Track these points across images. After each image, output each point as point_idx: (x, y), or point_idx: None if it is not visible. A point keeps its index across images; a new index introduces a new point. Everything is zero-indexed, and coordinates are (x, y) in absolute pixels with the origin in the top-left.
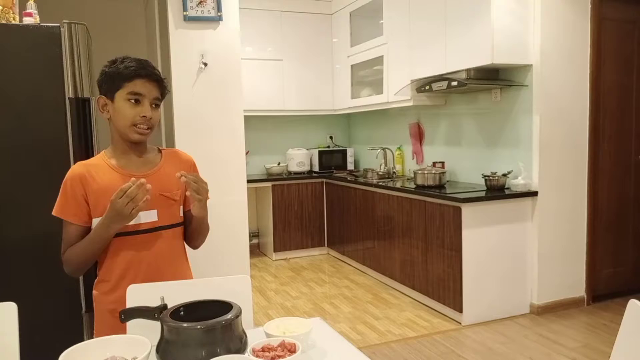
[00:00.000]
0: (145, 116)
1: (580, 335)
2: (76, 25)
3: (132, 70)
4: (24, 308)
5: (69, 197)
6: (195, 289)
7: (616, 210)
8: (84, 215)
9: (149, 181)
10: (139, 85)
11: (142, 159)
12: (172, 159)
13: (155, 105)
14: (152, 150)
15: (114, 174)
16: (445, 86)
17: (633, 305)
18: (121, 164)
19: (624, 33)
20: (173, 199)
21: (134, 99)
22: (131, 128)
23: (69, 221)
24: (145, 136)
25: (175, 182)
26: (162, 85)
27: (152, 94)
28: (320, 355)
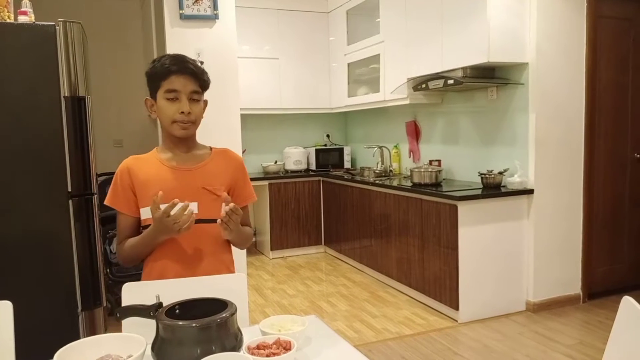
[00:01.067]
0: (184, 112)
1: (576, 333)
2: (71, 23)
3: (165, 68)
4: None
5: (118, 188)
6: (191, 287)
7: (612, 207)
8: (133, 206)
9: (192, 174)
10: (174, 82)
11: (190, 155)
12: (221, 157)
13: (194, 99)
14: (203, 148)
15: (160, 167)
16: (441, 84)
17: (626, 302)
18: (169, 158)
19: (620, 31)
20: (215, 194)
21: (171, 96)
22: (173, 125)
23: (120, 211)
24: (188, 131)
25: (219, 178)
26: (199, 77)
27: (188, 88)
28: (315, 353)
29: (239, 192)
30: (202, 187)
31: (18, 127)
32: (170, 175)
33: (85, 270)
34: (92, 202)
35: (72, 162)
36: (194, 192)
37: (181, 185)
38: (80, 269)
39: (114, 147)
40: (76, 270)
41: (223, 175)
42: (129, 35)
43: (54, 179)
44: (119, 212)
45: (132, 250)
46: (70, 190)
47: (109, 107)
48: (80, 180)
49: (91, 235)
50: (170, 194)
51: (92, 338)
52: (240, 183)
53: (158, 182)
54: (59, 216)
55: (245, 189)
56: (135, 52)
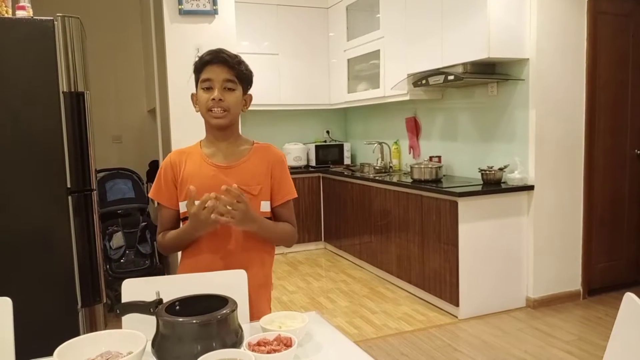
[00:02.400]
0: (215, 99)
1: (576, 329)
2: (70, 18)
3: (202, 60)
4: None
5: (162, 182)
6: (191, 283)
7: (611, 204)
8: (174, 199)
9: (231, 173)
10: (208, 72)
11: (230, 150)
12: (261, 153)
13: (228, 88)
14: (245, 142)
15: (201, 163)
16: (441, 80)
17: (628, 299)
18: (209, 153)
19: (620, 27)
20: (251, 193)
21: (206, 85)
22: (207, 114)
23: (162, 204)
24: (222, 119)
25: (256, 176)
26: (232, 66)
27: (221, 76)
28: (316, 349)
29: (277, 189)
30: (239, 187)
31: (16, 122)
32: (210, 173)
33: (85, 266)
34: (91, 198)
35: (71, 158)
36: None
37: (218, 183)
38: (79, 265)
39: (113, 143)
40: (76, 267)
41: (260, 173)
42: (127, 30)
43: (52, 175)
44: (161, 205)
45: (171, 242)
46: (70, 186)
47: (108, 103)
48: (79, 176)
49: (90, 232)
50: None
51: (92, 334)
52: (278, 179)
53: (197, 179)
54: (58, 212)
55: (282, 185)
56: (134, 48)
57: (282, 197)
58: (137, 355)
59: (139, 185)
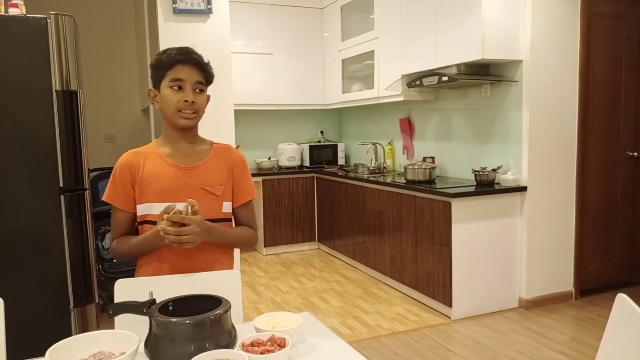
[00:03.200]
0: (187, 100)
1: (569, 329)
2: (63, 16)
3: (171, 58)
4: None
5: (117, 184)
6: (185, 283)
7: (604, 205)
8: (131, 202)
9: (193, 174)
10: (179, 72)
11: (191, 150)
12: (221, 153)
13: (199, 90)
14: (204, 142)
15: (161, 163)
16: (435, 81)
17: (621, 300)
18: (169, 153)
19: (614, 28)
20: (214, 194)
21: (176, 85)
22: (176, 114)
23: (117, 207)
24: (191, 121)
25: (218, 177)
26: (204, 69)
27: (193, 78)
28: (309, 350)
29: (237, 190)
30: (201, 187)
31: (9, 121)
32: (170, 173)
33: (77, 266)
34: (84, 197)
35: (63, 157)
36: (193, 192)
37: (181, 184)
38: (72, 265)
39: (107, 142)
40: (68, 267)
41: (222, 173)
42: (121, 29)
43: (45, 174)
44: (115, 208)
45: (129, 249)
46: (62, 186)
47: (102, 102)
48: (72, 175)
49: (83, 231)
50: (169, 193)
51: (85, 335)
52: (239, 180)
53: (158, 180)
54: (51, 211)
55: (243, 186)
56: (128, 47)
57: (242, 198)
58: (129, 356)
59: None
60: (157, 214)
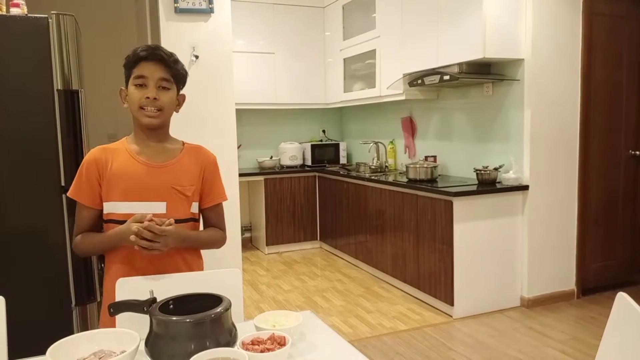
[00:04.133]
0: (149, 97)
1: (570, 328)
2: (64, 16)
3: (135, 55)
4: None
5: (83, 180)
6: (185, 282)
7: (606, 204)
8: (97, 198)
9: (163, 172)
10: (142, 68)
11: (161, 148)
12: (193, 153)
13: (162, 87)
14: (175, 142)
15: (130, 160)
16: (437, 80)
17: (621, 298)
18: (139, 151)
19: (615, 28)
20: (184, 194)
21: (138, 82)
22: (139, 112)
23: (82, 204)
24: (155, 119)
25: (189, 177)
26: (170, 65)
27: (156, 74)
28: (310, 348)
29: (208, 191)
30: (172, 187)
31: (10, 120)
32: (140, 171)
33: (79, 265)
34: None
35: (65, 156)
36: (163, 191)
37: (151, 182)
38: (73, 263)
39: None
40: (69, 265)
41: (193, 173)
42: (123, 28)
43: (46, 173)
44: (80, 205)
45: (91, 246)
46: (63, 185)
47: (104, 101)
48: (73, 174)
49: None
50: (138, 191)
51: (85, 333)
52: (210, 182)
53: (127, 177)
54: (52, 211)
55: (214, 187)
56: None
57: (212, 199)
58: (130, 354)
59: None
60: (122, 213)
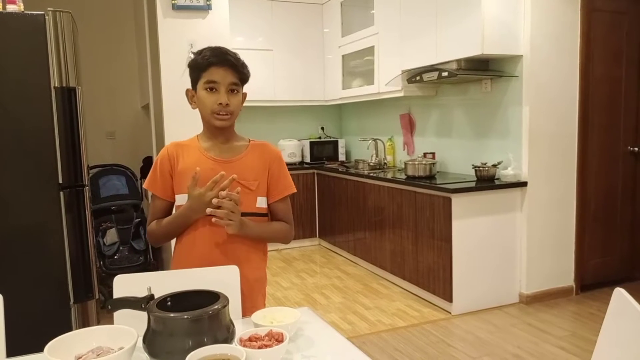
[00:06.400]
0: (222, 103)
1: (568, 324)
2: (61, 13)
3: (206, 60)
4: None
5: (158, 173)
6: (183, 279)
7: (604, 200)
8: (169, 191)
9: (229, 167)
10: (213, 74)
11: (228, 146)
12: (258, 150)
13: (233, 90)
14: (242, 139)
15: (199, 156)
16: (435, 77)
17: (618, 294)
18: (208, 147)
19: (614, 24)
20: (249, 188)
21: (210, 87)
22: (212, 116)
23: (156, 195)
24: (226, 122)
25: (254, 172)
26: (239, 70)
27: (227, 80)
28: (308, 345)
29: (275, 185)
30: (236, 181)
31: (7, 118)
32: (208, 166)
33: (77, 262)
34: (83, 194)
35: (62, 154)
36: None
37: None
38: (72, 261)
39: (107, 139)
40: (68, 263)
41: (258, 169)
42: (120, 25)
43: (44, 171)
44: (154, 196)
45: (165, 228)
46: (61, 182)
47: (101, 99)
48: (71, 172)
49: (83, 228)
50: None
51: (83, 330)
52: (276, 176)
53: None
54: (50, 208)
55: (280, 181)
56: (127, 43)
57: (280, 192)
58: (128, 351)
59: (133, 181)
60: None
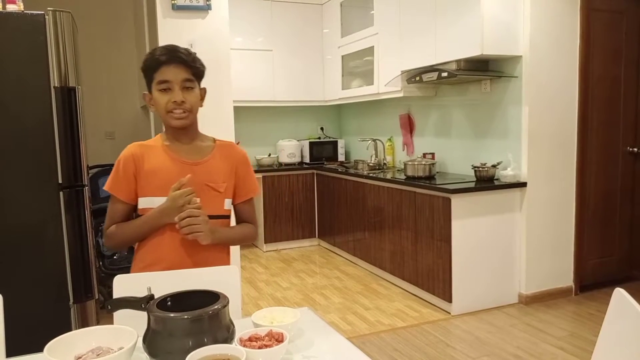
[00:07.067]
0: (176, 101)
1: (568, 325)
2: (61, 13)
3: (155, 60)
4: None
5: (120, 175)
6: (183, 279)
7: (604, 200)
8: (132, 193)
9: (198, 170)
10: (165, 73)
11: (193, 146)
12: (225, 151)
13: (187, 87)
14: (207, 139)
15: (166, 157)
16: (435, 77)
17: (618, 294)
18: (174, 148)
19: (613, 24)
20: (217, 191)
21: (163, 87)
22: (168, 115)
23: (117, 198)
24: (184, 120)
25: (222, 174)
26: (190, 65)
27: (180, 76)
28: (307, 345)
29: (241, 187)
30: (205, 184)
31: (7, 118)
32: (175, 168)
33: (77, 262)
34: (83, 193)
35: (62, 154)
36: (197, 188)
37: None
38: (71, 261)
39: (106, 139)
40: (67, 263)
41: (225, 170)
42: (120, 25)
43: (44, 171)
44: (114, 198)
45: (127, 233)
46: (61, 182)
47: (101, 99)
48: (70, 171)
49: (82, 228)
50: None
51: (83, 330)
52: (242, 178)
53: (162, 174)
54: (50, 208)
55: (246, 183)
56: (127, 43)
57: (245, 194)
58: (128, 351)
59: None
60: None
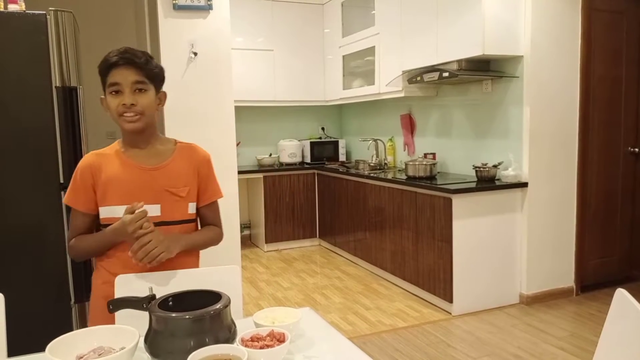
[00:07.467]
0: (126, 104)
1: (569, 325)
2: (62, 13)
3: (106, 62)
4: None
5: (78, 186)
6: (185, 279)
7: (605, 200)
8: (92, 204)
9: (157, 174)
10: (115, 75)
11: (151, 150)
12: (186, 153)
13: (138, 89)
14: (166, 142)
15: (122, 165)
16: (436, 77)
17: (620, 295)
18: (131, 154)
19: (614, 24)
20: (179, 196)
21: (114, 90)
22: (119, 119)
23: (77, 210)
24: (136, 123)
25: (183, 178)
26: (142, 67)
27: (130, 78)
28: (309, 345)
29: (203, 190)
30: (165, 189)
31: (8, 117)
32: (133, 175)
33: (78, 262)
34: None
35: (63, 154)
36: (157, 194)
37: (144, 186)
38: (72, 261)
39: (107, 139)
40: (68, 263)
41: (187, 174)
42: (121, 25)
43: (45, 170)
44: (75, 210)
45: (87, 246)
46: (62, 182)
47: None
48: (72, 171)
49: None
50: (133, 195)
51: (84, 330)
52: (205, 180)
53: (121, 182)
54: (51, 207)
55: (209, 186)
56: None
57: (208, 197)
58: (129, 351)
59: None
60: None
